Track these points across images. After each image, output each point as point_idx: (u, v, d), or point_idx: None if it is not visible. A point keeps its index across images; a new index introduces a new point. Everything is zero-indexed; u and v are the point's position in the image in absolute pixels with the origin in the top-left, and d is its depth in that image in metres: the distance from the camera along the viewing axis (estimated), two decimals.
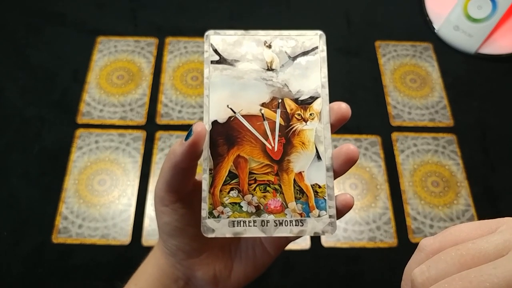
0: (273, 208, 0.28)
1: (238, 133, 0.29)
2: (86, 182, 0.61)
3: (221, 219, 0.28)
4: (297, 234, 0.28)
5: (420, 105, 0.70)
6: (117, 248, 0.56)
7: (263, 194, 0.28)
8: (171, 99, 0.68)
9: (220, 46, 0.31)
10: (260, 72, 0.30)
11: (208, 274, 0.33)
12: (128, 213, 0.59)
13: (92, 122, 0.66)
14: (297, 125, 0.29)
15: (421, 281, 0.20)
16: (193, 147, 0.27)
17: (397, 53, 0.75)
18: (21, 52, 0.72)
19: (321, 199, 0.28)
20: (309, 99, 0.30)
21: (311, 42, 0.31)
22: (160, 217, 0.31)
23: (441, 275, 0.20)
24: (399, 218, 0.60)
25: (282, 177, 0.29)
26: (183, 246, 0.32)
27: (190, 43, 0.74)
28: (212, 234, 0.28)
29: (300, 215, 0.28)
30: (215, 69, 0.30)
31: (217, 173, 0.29)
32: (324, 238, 0.58)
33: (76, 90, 0.68)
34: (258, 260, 0.34)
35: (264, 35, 0.31)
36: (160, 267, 0.34)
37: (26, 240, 0.57)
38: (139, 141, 0.64)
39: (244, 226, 0.28)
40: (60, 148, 0.63)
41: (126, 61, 0.72)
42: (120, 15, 0.77)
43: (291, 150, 0.29)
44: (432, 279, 0.20)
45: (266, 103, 0.30)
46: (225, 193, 0.28)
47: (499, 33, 0.74)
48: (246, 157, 0.29)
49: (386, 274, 0.57)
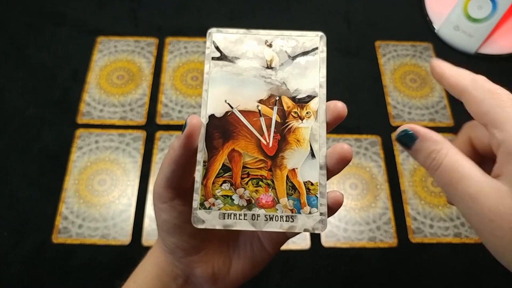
0: (265, 202, 0.29)
1: (234, 128, 0.30)
2: (86, 182, 0.61)
3: (212, 210, 0.28)
4: (287, 229, 0.28)
5: (420, 105, 0.70)
6: (117, 248, 0.56)
7: (255, 188, 0.29)
8: (171, 99, 0.68)
9: (221, 44, 0.31)
10: (260, 70, 0.31)
11: (207, 271, 0.33)
12: (128, 213, 0.59)
13: (92, 122, 0.66)
14: (293, 123, 0.30)
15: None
16: (188, 138, 0.27)
17: (397, 53, 0.75)
18: (21, 52, 0.72)
19: (313, 197, 0.29)
20: (307, 97, 0.30)
21: (311, 43, 0.32)
22: (159, 214, 0.31)
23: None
24: (399, 218, 0.60)
25: (275, 172, 0.29)
26: (182, 244, 0.32)
27: (190, 43, 0.74)
28: (202, 225, 0.28)
29: (291, 211, 0.28)
30: (216, 65, 0.31)
31: (211, 165, 0.29)
32: (324, 238, 0.58)
33: (76, 90, 0.68)
34: (256, 257, 0.34)
35: (265, 35, 0.32)
36: (159, 265, 0.34)
37: (26, 240, 0.57)
38: (139, 141, 0.64)
39: (235, 219, 0.28)
40: (60, 148, 0.63)
41: (126, 61, 0.72)
42: (120, 15, 0.77)
43: (285, 146, 0.30)
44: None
45: (263, 100, 0.30)
46: (218, 185, 0.29)
47: (499, 33, 0.74)
48: (240, 151, 0.30)
49: (386, 274, 0.57)
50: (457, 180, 0.24)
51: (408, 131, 0.27)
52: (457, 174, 0.24)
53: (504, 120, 0.23)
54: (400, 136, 0.27)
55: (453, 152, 0.25)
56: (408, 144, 0.27)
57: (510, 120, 0.23)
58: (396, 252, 0.58)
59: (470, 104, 0.26)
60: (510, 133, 0.23)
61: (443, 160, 0.25)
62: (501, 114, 0.23)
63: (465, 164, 0.24)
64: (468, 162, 0.25)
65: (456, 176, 0.24)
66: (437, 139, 0.26)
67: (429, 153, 0.26)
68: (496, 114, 0.24)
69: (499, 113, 0.23)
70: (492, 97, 0.25)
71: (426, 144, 0.26)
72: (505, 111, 0.23)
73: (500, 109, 0.24)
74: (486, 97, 0.25)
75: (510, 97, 0.24)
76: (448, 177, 0.25)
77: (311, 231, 0.28)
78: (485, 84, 0.26)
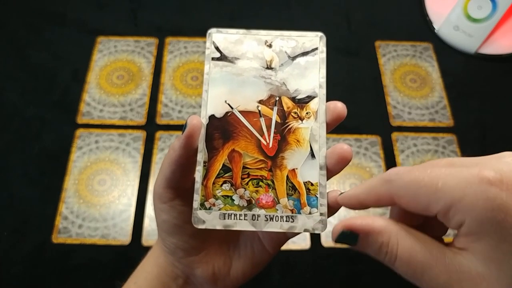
0: (265, 203, 0.29)
1: (234, 128, 0.30)
2: (86, 182, 0.61)
3: (212, 211, 0.28)
4: (287, 230, 0.28)
5: (420, 105, 0.70)
6: (117, 248, 0.56)
7: (255, 188, 0.29)
8: (171, 99, 0.68)
9: (221, 44, 0.32)
10: (259, 70, 0.31)
11: (207, 271, 0.33)
12: (128, 213, 0.59)
13: (92, 122, 0.66)
14: (293, 123, 0.30)
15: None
16: (189, 138, 0.28)
17: (397, 53, 0.75)
18: (21, 52, 0.72)
19: (313, 197, 0.29)
20: (306, 98, 0.30)
21: (311, 43, 0.32)
22: (159, 214, 0.31)
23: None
24: None
25: (275, 173, 0.29)
26: (182, 244, 0.32)
27: (190, 43, 0.74)
28: (203, 225, 0.28)
29: (291, 211, 0.29)
30: (216, 66, 0.31)
31: (211, 165, 0.29)
32: (324, 238, 0.58)
33: (76, 90, 0.68)
34: (257, 258, 0.34)
35: (265, 35, 0.32)
36: (159, 265, 0.34)
37: (26, 240, 0.57)
38: (139, 141, 0.64)
39: (235, 219, 0.28)
40: (60, 148, 0.63)
41: (126, 61, 0.72)
42: (120, 15, 0.77)
43: (285, 147, 0.30)
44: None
45: (263, 100, 0.30)
46: (218, 185, 0.29)
47: (499, 33, 0.74)
48: (240, 151, 0.30)
49: (386, 274, 0.57)
50: (422, 271, 0.21)
51: (346, 232, 0.23)
52: (420, 265, 0.21)
53: (451, 202, 0.20)
54: (340, 240, 0.24)
55: (403, 238, 0.22)
56: (351, 244, 0.23)
57: (457, 199, 0.20)
58: None
59: (407, 205, 0.23)
60: (466, 209, 0.20)
61: (397, 253, 0.22)
62: (444, 198, 0.20)
63: (425, 248, 0.21)
64: (428, 244, 0.22)
65: (419, 267, 0.21)
66: (381, 230, 0.22)
67: (378, 247, 0.23)
68: (440, 200, 0.20)
69: (442, 198, 0.20)
70: (419, 186, 0.21)
71: (370, 239, 0.23)
72: (444, 194, 0.20)
73: (439, 193, 0.20)
74: (414, 191, 0.22)
75: (432, 175, 0.21)
76: (411, 270, 0.22)
77: (311, 231, 0.28)
78: (404, 177, 0.22)
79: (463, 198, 0.19)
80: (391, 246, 0.22)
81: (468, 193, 0.19)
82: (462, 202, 0.20)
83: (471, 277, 0.20)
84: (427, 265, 0.21)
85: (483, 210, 0.19)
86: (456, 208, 0.20)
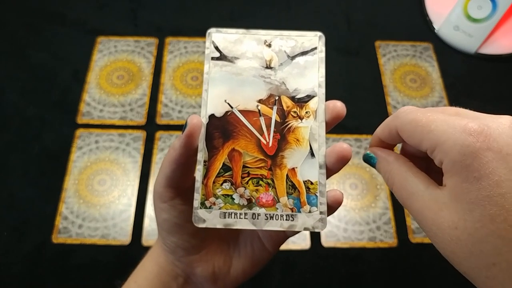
0: (265, 202, 0.29)
1: (234, 127, 0.30)
2: (86, 182, 0.61)
3: (212, 210, 0.28)
4: (287, 228, 0.29)
5: (420, 105, 0.70)
6: (117, 248, 0.56)
7: (255, 187, 0.29)
8: (171, 99, 0.68)
9: (221, 44, 0.32)
10: (259, 70, 0.31)
11: (208, 270, 0.33)
12: (128, 213, 0.59)
13: (92, 122, 0.66)
14: (292, 122, 0.30)
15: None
16: (189, 138, 0.28)
17: (397, 53, 0.75)
18: (21, 52, 0.72)
19: (313, 195, 0.29)
20: (306, 97, 0.31)
21: (310, 43, 0.32)
22: (159, 213, 0.31)
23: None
24: (399, 218, 0.60)
25: (275, 172, 0.29)
26: (182, 243, 0.32)
27: (190, 43, 0.74)
28: (203, 224, 0.28)
29: (291, 210, 0.29)
30: (215, 65, 0.31)
31: (211, 165, 0.29)
32: (324, 238, 0.58)
33: (76, 90, 0.68)
34: (257, 257, 0.34)
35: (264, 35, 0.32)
36: (159, 264, 0.34)
37: (26, 240, 0.57)
38: (139, 141, 0.64)
39: (235, 218, 0.28)
40: (60, 148, 0.63)
41: (126, 61, 0.72)
42: (120, 15, 0.77)
43: (285, 146, 0.30)
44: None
45: (263, 100, 0.31)
46: (218, 184, 0.29)
47: (499, 33, 0.74)
48: (240, 151, 0.30)
49: (386, 274, 0.57)
50: (406, 197, 0.26)
51: (369, 154, 0.30)
52: (405, 192, 0.26)
53: (436, 142, 0.24)
54: (365, 159, 0.31)
55: (403, 170, 0.27)
56: (372, 165, 0.30)
57: (441, 141, 0.24)
58: (396, 252, 0.58)
59: (407, 139, 0.27)
60: (446, 151, 0.23)
61: (394, 179, 0.27)
62: (433, 138, 0.24)
63: (413, 180, 0.26)
64: (416, 177, 0.26)
65: (405, 193, 0.26)
66: (389, 159, 0.28)
67: (384, 173, 0.28)
68: (430, 140, 0.25)
69: (432, 138, 0.24)
70: (417, 125, 0.26)
71: (381, 165, 0.29)
72: (434, 135, 0.24)
73: (430, 134, 0.25)
74: (413, 128, 0.26)
75: (429, 119, 0.25)
76: (400, 195, 0.26)
77: (311, 229, 0.28)
78: (408, 115, 0.27)
79: (446, 141, 0.23)
80: (392, 174, 0.27)
81: (450, 138, 0.23)
82: (444, 145, 0.23)
83: (438, 205, 0.24)
84: (411, 194, 0.25)
85: (457, 154, 0.23)
86: (439, 148, 0.24)
